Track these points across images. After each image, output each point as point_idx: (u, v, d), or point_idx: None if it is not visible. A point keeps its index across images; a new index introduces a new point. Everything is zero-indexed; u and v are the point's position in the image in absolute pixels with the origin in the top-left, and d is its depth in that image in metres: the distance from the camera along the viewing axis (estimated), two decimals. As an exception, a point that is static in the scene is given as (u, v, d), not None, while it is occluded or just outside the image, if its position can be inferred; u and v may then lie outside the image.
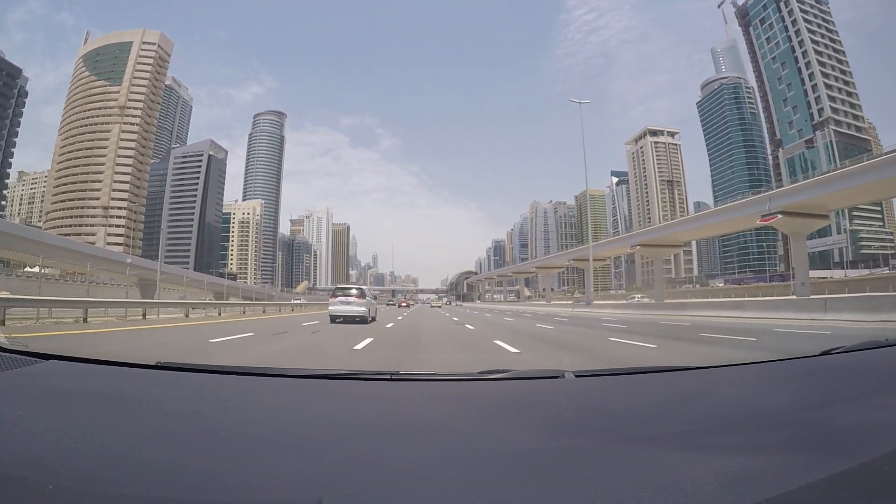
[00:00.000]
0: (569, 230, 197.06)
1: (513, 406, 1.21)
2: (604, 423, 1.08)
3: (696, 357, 6.64)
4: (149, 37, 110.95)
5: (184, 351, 7.18)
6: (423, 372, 1.88)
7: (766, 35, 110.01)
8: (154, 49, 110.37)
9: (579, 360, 6.36)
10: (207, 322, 16.27)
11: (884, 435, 0.89)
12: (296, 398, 1.33)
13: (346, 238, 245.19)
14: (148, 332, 11.22)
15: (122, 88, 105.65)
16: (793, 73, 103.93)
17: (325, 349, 7.67)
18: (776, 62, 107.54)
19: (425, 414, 1.15)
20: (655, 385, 1.57)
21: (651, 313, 23.89)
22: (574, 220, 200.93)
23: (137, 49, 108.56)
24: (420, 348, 8.00)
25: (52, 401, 1.16)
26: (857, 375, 1.47)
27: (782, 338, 9.67)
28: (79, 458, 0.80)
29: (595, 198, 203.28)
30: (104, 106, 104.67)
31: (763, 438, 0.94)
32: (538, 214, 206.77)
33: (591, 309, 35.65)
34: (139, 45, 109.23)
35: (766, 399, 1.31)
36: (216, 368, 1.60)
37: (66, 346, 6.99)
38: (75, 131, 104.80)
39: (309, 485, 0.73)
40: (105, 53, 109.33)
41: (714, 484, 0.70)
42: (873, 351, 1.77)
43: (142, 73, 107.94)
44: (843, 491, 0.71)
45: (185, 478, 0.74)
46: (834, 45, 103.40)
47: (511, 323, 17.24)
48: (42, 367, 1.46)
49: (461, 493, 0.71)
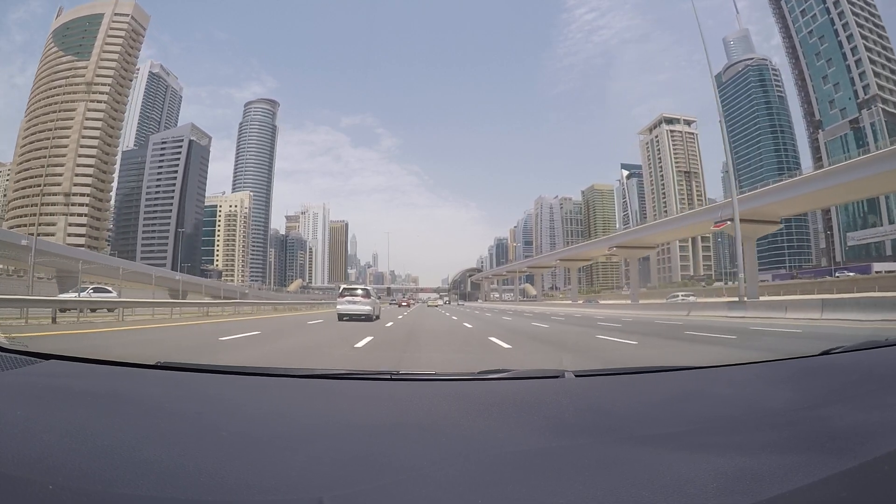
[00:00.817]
0: (575, 227, 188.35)
1: (513, 406, 1.21)
2: (604, 423, 1.08)
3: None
4: (122, 7, 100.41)
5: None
6: (423, 371, 1.92)
7: (800, 7, 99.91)
8: (127, 21, 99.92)
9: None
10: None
11: (884, 435, 0.88)
12: (296, 398, 1.33)
13: (345, 236, 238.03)
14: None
15: (91, 63, 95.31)
16: (833, 46, 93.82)
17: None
18: (813, 36, 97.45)
19: (425, 414, 1.15)
20: (655, 385, 1.55)
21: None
22: (581, 217, 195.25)
23: (109, 21, 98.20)
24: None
25: (52, 401, 1.15)
26: (857, 375, 1.47)
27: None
28: (79, 458, 0.79)
29: (603, 193, 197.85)
30: (70, 83, 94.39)
31: (763, 438, 0.93)
32: (543, 210, 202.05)
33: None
34: (111, 16, 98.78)
35: (766, 399, 1.31)
36: (216, 368, 1.60)
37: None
38: (39, 111, 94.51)
39: (309, 484, 0.72)
40: (75, 27, 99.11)
41: (714, 484, 0.70)
42: (873, 351, 1.77)
43: (113, 46, 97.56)
44: (843, 491, 0.70)
45: (185, 478, 0.73)
46: (874, 19, 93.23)
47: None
48: (42, 367, 1.45)
49: (461, 493, 0.71)
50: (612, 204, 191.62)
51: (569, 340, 9.55)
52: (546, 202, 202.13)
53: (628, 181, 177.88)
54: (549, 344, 8.89)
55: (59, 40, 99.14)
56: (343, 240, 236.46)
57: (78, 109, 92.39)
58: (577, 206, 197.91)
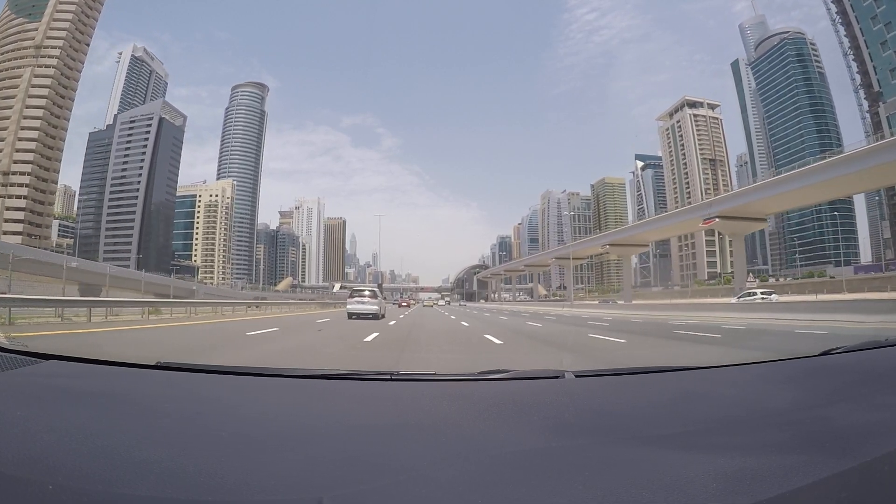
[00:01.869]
0: (583, 223, 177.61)
1: (513, 406, 1.21)
2: (604, 423, 1.08)
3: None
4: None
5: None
6: (423, 372, 1.94)
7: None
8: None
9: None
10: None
11: (884, 435, 0.88)
12: (296, 398, 1.33)
13: (342, 233, 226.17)
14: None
15: (41, 25, 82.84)
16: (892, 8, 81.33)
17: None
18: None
19: (425, 414, 1.15)
20: (655, 385, 1.55)
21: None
22: (591, 213, 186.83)
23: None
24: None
25: (52, 401, 1.15)
26: (857, 375, 1.47)
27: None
28: (79, 458, 0.79)
29: (614, 186, 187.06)
30: (18, 47, 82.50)
31: (763, 438, 0.93)
32: (551, 205, 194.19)
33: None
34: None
35: (766, 399, 1.31)
36: (216, 368, 1.60)
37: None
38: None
39: (309, 485, 0.72)
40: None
41: (714, 484, 0.70)
42: (873, 351, 1.77)
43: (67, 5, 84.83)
44: (844, 491, 0.70)
45: (185, 478, 0.73)
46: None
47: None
48: (42, 367, 1.45)
49: (461, 493, 0.70)
50: (625, 197, 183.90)
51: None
52: (553, 197, 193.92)
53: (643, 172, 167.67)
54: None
55: (13, 3, 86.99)
56: (340, 237, 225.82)
57: (24, 76, 79.95)
58: (584, 201, 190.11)
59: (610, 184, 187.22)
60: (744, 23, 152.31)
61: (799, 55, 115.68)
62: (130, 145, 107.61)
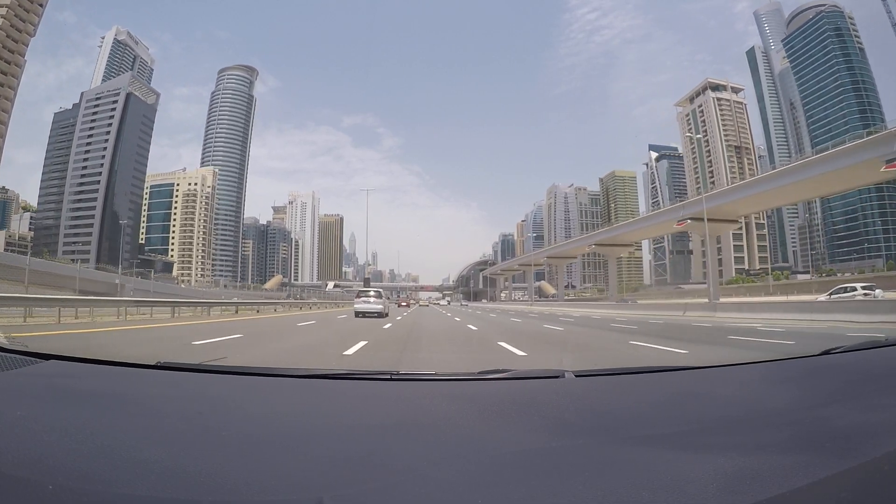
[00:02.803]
0: (591, 220, 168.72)
1: (513, 406, 1.20)
2: (604, 423, 1.08)
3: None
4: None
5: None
6: (423, 372, 1.95)
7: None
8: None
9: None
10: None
11: (884, 435, 0.88)
12: (296, 398, 1.33)
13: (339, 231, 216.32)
14: None
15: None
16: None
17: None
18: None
19: (425, 414, 1.15)
20: (655, 385, 1.56)
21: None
22: (600, 209, 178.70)
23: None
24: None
25: (52, 401, 1.15)
26: (857, 375, 1.47)
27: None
28: (79, 458, 0.79)
29: (625, 179, 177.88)
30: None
31: (763, 438, 0.93)
32: (557, 200, 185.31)
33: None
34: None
35: (766, 399, 1.31)
36: (216, 368, 1.61)
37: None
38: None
39: (309, 485, 0.72)
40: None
41: (714, 484, 0.70)
42: (873, 351, 1.78)
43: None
44: (843, 491, 0.70)
45: (185, 478, 0.73)
46: None
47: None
48: (42, 367, 1.45)
49: (461, 493, 0.70)
50: (636, 190, 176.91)
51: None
52: (560, 191, 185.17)
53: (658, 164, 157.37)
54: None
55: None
56: (337, 235, 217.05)
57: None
58: (592, 196, 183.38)
59: (620, 177, 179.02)
60: (759, 10, 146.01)
61: (836, 29, 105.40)
62: (94, 125, 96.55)
